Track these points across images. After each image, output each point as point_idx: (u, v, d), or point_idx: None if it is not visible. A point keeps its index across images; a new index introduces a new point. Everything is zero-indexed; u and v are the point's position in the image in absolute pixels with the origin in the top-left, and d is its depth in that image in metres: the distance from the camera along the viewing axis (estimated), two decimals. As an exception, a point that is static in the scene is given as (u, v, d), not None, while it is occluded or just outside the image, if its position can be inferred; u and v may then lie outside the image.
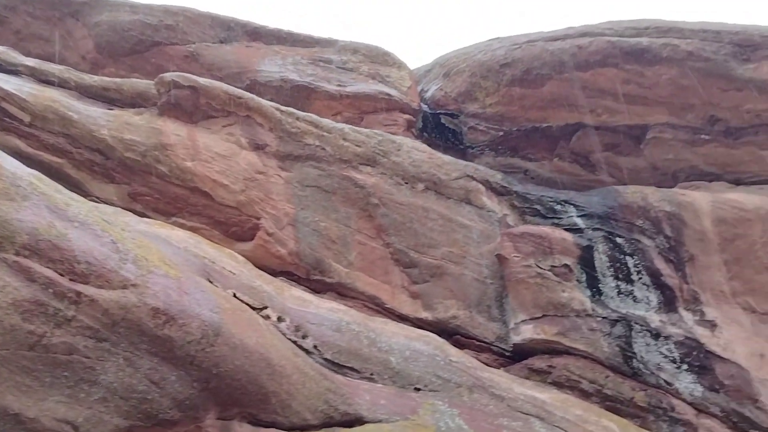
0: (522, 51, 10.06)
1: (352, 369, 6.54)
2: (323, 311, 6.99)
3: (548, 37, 10.11)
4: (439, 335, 7.72)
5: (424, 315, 8.26)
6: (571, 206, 9.07)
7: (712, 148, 9.30)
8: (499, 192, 9.34)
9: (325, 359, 6.41)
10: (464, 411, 6.53)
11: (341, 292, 8.10)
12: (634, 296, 8.23)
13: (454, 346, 7.73)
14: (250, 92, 8.97)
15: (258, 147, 8.37)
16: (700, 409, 7.46)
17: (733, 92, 9.09)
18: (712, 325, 7.99)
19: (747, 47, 9.03)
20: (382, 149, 8.90)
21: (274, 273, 7.69)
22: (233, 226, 7.94)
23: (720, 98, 9.16)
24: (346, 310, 7.28)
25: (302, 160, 8.51)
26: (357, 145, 8.80)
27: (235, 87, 8.93)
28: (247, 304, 6.15)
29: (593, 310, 8.04)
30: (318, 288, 8.03)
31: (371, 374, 6.57)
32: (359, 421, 5.99)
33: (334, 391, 5.94)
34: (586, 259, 8.44)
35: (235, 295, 6.18)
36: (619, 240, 8.62)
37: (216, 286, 5.98)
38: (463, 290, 8.45)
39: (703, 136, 9.29)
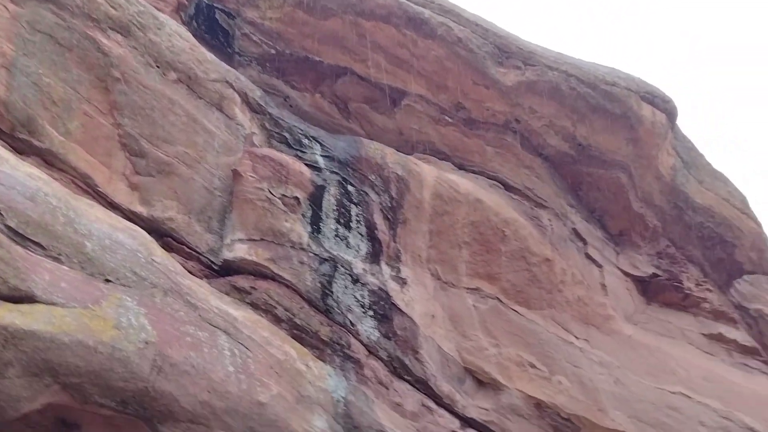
0: (318, -22, 9.86)
1: (37, 244, 5.88)
2: (19, 175, 6.15)
3: (348, -25, 10.05)
4: (149, 233, 7.36)
5: (140, 209, 7.79)
6: (318, 144, 9.27)
7: (450, 131, 10.23)
8: (254, 108, 9.13)
9: (7, 226, 5.67)
10: (152, 312, 6.35)
11: (49, 160, 7.21)
12: (348, 242, 8.76)
13: (163, 247, 7.45)
14: None
15: (-13, -36, 6.94)
16: (371, 351, 8.29)
17: (482, 88, 10.07)
18: (403, 282, 8.89)
19: (504, 52, 10.05)
20: (141, 22, 8.04)
21: (-32, 115, 6.53)
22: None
23: (470, 89, 10.08)
24: (49, 181, 6.50)
25: None
26: (113, 7, 7.81)
27: None
28: None
29: (308, 245, 8.38)
30: (21, 149, 7.04)
31: (59, 254, 6.00)
32: (30, 299, 5.46)
33: (6, 262, 5.30)
34: (316, 197, 8.72)
35: None
36: (350, 188, 9.06)
37: None
38: (188, 195, 8.14)
39: (447, 118, 10.16)
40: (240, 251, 8.06)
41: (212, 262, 8.10)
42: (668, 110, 10.61)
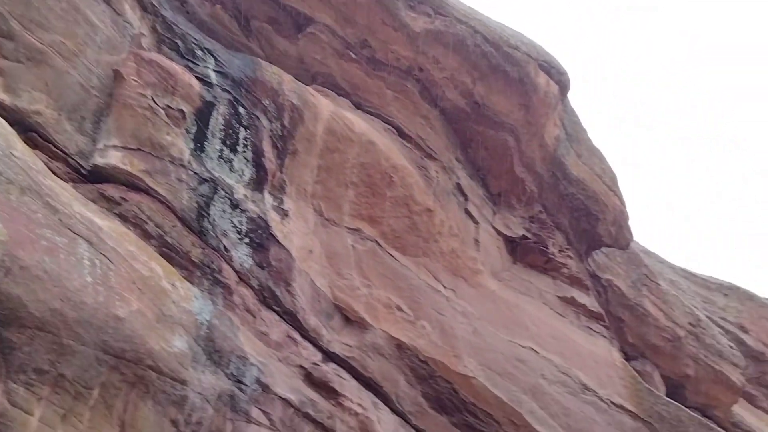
0: None
1: None
2: None
3: None
4: (11, 125, 6.70)
5: (2, 97, 7.05)
6: (212, 58, 8.78)
7: (353, 68, 10.05)
8: (145, 8, 8.46)
9: None
10: (5, 209, 5.84)
11: None
12: (232, 165, 8.47)
13: (26, 142, 6.83)
14: None
15: None
16: (242, 278, 8.17)
17: (390, 29, 9.93)
18: (284, 214, 8.78)
19: (417, -2, 9.92)
20: None
21: None
22: None
23: (378, 28, 9.91)
24: None
25: None
26: None
27: None
28: None
29: (189, 163, 8.01)
30: None
31: None
32: None
33: None
34: (203, 113, 8.31)
35: None
36: (241, 110, 8.71)
37: None
38: (61, 90, 7.47)
39: (351, 53, 9.96)
40: (113, 158, 7.56)
41: (81, 165, 7.55)
42: (562, 82, 11.02)
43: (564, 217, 11.85)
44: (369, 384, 8.94)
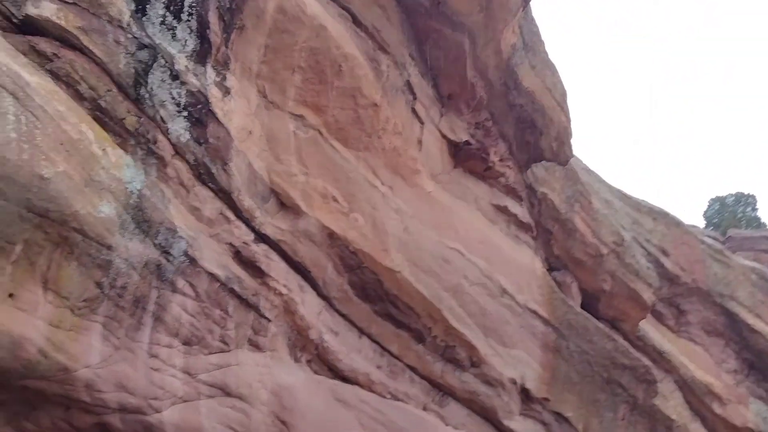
0: None
1: None
2: None
3: None
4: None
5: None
6: None
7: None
8: None
9: None
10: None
11: None
12: (175, 34, 8.15)
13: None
14: None
15: None
16: (178, 152, 8.09)
17: None
18: (226, 91, 8.60)
19: None
20: None
21: None
22: None
23: None
24: None
25: None
26: None
27: None
28: None
29: (128, 25, 7.66)
30: None
31: None
32: None
33: None
34: (148, -26, 7.87)
35: None
36: (189, -25, 8.27)
37: None
38: (-9, -73, 6.91)
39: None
40: (47, 10, 7.16)
41: (12, 14, 7.14)
42: (525, -11, 10.82)
43: (509, 128, 12.00)
44: (297, 268, 9.24)
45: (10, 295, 6.37)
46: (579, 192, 13.66)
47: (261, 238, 8.90)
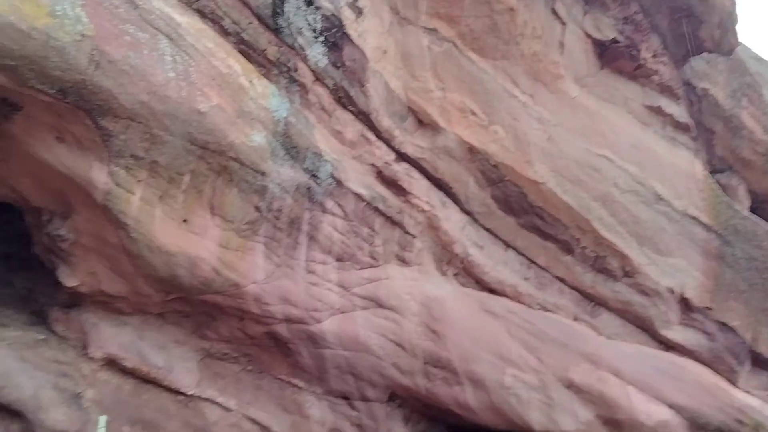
0: None
1: None
2: None
3: None
4: None
5: None
6: None
7: None
8: None
9: None
10: (90, 4, 6.11)
11: None
12: (306, -41, 8.24)
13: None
14: None
15: None
16: (318, 77, 8.36)
17: None
18: (359, 12, 8.63)
19: None
20: None
21: None
22: None
23: None
24: None
25: None
26: None
27: None
28: None
29: (262, -44, 7.86)
30: None
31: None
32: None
33: None
34: None
35: None
36: None
37: None
38: None
39: None
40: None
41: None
42: None
43: (662, 19, 10.92)
44: (439, 184, 9.33)
45: (184, 221, 7.12)
46: (747, 84, 12.25)
47: (401, 157, 9.06)
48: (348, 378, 9.01)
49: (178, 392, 8.25)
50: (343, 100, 8.58)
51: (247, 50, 7.75)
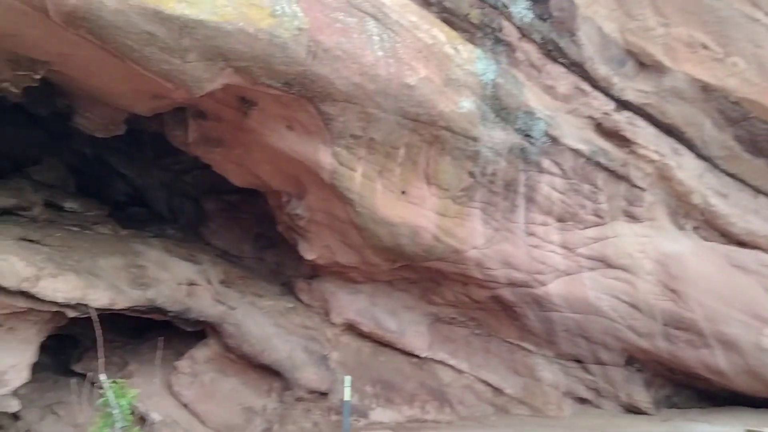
0: None
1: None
2: None
3: None
4: None
5: None
6: None
7: None
8: None
9: None
10: (303, -1, 6.60)
11: None
12: None
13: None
14: None
15: None
16: (524, 33, 8.06)
17: None
18: (563, -43, 8.12)
19: None
20: None
21: None
22: None
23: None
24: None
25: None
26: None
27: None
28: None
29: None
30: None
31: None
32: None
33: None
34: None
35: None
36: None
37: None
38: None
39: None
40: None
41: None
42: None
43: None
44: (668, 130, 8.48)
45: (403, 192, 7.45)
46: None
47: (622, 105, 8.40)
48: (579, 341, 8.75)
49: (411, 354, 8.76)
50: (553, 53, 8.18)
51: (450, 17, 7.75)
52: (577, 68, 8.26)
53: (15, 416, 7.24)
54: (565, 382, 9.07)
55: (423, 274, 8.18)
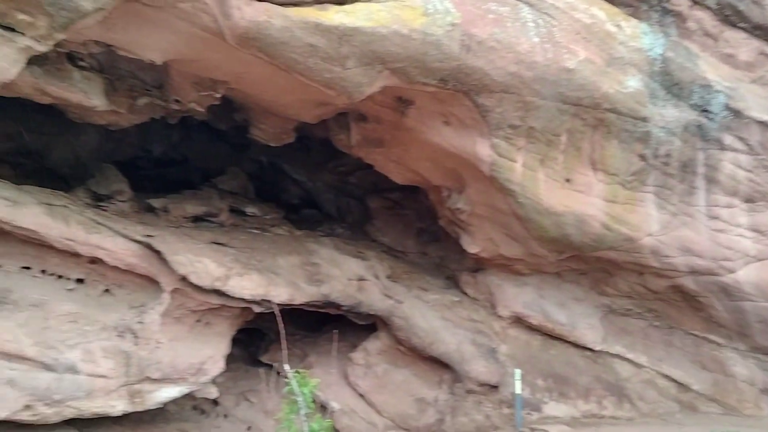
0: None
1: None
2: None
3: None
4: None
5: None
6: None
7: None
8: None
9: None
10: (453, -6, 6.60)
11: None
12: None
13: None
14: None
15: None
16: (696, 1, 7.42)
17: None
18: None
19: None
20: None
21: None
22: None
23: None
24: None
25: None
26: None
27: None
28: None
29: None
30: None
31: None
32: (351, -1, 6.18)
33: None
34: None
35: None
36: None
37: None
38: None
39: None
40: None
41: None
42: None
43: None
44: None
45: (567, 180, 7.19)
46: None
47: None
48: (778, 333, 7.89)
49: (584, 348, 8.42)
50: (731, 18, 7.44)
51: (610, -7, 7.35)
52: (762, 32, 7.46)
53: (215, 402, 8.05)
54: (763, 377, 8.22)
55: (593, 265, 7.83)
